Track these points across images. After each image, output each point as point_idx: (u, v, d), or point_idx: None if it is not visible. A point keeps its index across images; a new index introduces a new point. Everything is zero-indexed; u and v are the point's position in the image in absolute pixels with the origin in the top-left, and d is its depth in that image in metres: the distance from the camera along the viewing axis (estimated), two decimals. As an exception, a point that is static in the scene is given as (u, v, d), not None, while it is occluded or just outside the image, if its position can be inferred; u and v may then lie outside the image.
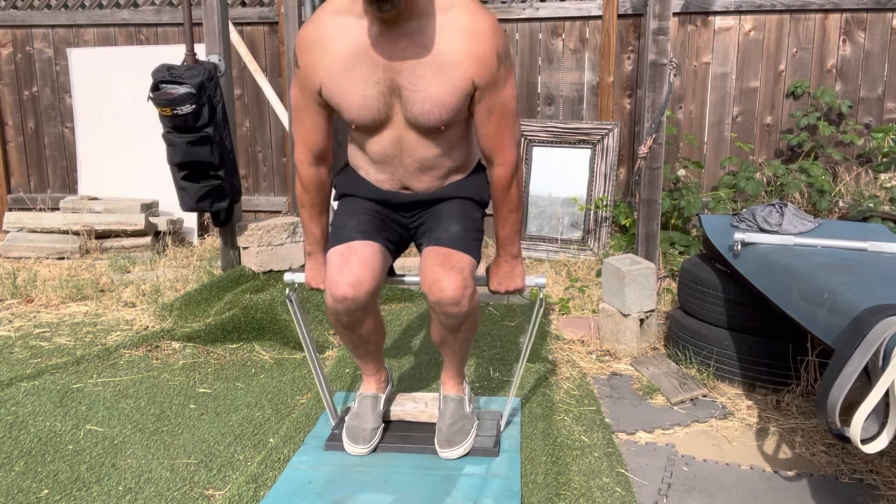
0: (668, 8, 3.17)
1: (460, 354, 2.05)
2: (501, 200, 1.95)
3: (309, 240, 2.08)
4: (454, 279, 1.81)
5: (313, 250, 2.09)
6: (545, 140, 4.40)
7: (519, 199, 1.96)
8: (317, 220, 2.06)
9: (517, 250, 2.02)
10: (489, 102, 1.82)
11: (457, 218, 1.97)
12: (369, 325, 1.97)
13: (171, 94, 3.17)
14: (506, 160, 1.90)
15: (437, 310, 1.85)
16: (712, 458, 2.13)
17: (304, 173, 1.98)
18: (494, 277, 2.06)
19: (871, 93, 4.31)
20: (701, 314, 2.66)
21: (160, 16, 4.86)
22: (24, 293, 3.62)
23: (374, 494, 1.82)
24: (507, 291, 2.06)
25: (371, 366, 2.13)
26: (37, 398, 2.44)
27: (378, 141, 1.89)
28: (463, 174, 2.04)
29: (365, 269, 1.86)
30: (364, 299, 1.86)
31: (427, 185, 1.98)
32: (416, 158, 1.90)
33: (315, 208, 2.04)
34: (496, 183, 1.93)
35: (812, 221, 2.66)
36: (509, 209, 1.96)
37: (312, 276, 2.12)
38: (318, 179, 2.00)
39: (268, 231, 3.53)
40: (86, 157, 4.93)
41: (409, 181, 1.96)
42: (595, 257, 4.19)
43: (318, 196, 2.02)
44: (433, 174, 1.95)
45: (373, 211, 2.01)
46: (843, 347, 1.70)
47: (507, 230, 1.99)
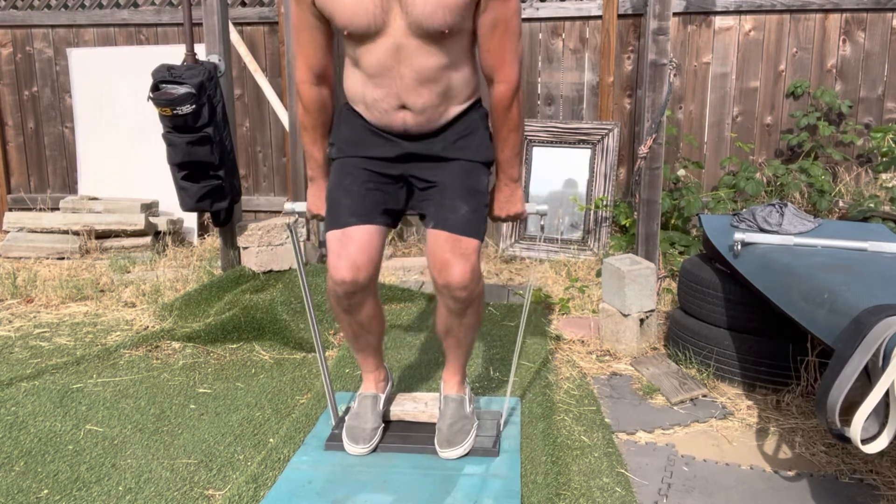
0: (668, 8, 3.17)
1: (464, 345, 2.05)
2: (502, 120, 1.91)
3: (311, 164, 2.05)
4: (463, 265, 1.83)
5: (315, 175, 2.07)
6: (545, 140, 4.40)
7: (520, 119, 1.92)
8: (319, 144, 2.02)
9: (518, 173, 1.98)
10: (493, 14, 1.78)
11: (464, 196, 1.92)
12: (369, 309, 1.98)
13: (171, 94, 3.17)
14: (507, 77, 1.85)
15: (445, 293, 1.87)
16: (712, 458, 2.13)
17: (306, 93, 1.95)
18: (496, 203, 2.02)
19: (871, 93, 4.31)
20: (701, 314, 2.66)
21: (160, 16, 4.86)
22: (24, 293, 3.62)
23: (374, 494, 1.82)
24: (507, 216, 2.03)
25: (371, 361, 2.13)
26: (37, 398, 2.44)
27: (374, 50, 1.80)
28: (462, 102, 1.93)
29: (362, 254, 1.88)
30: (363, 281, 1.89)
31: (426, 102, 1.85)
32: (415, 68, 1.80)
33: (317, 130, 2.00)
34: (497, 102, 1.89)
35: (812, 221, 2.66)
36: (510, 129, 1.92)
37: (314, 202, 2.09)
38: (320, 100, 1.96)
39: (268, 231, 3.53)
40: (86, 157, 4.93)
41: (406, 97, 1.84)
42: (595, 257, 4.19)
43: (319, 118, 1.99)
44: (432, 89, 1.84)
45: (367, 183, 1.95)
46: (843, 347, 1.70)
47: (508, 152, 1.95)
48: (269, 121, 4.91)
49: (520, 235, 4.41)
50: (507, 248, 4.40)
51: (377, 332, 2.08)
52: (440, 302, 1.93)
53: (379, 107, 1.88)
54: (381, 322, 2.07)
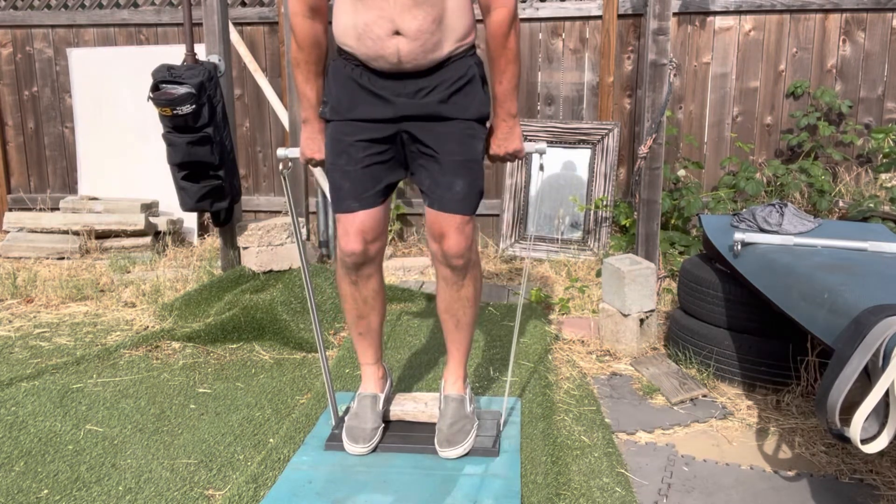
0: (668, 8, 3.17)
1: (464, 328, 2.08)
2: (499, 51, 1.87)
3: (304, 104, 2.01)
4: (459, 236, 1.94)
5: (308, 116, 2.02)
6: (545, 140, 4.40)
7: (517, 49, 1.89)
8: (312, 82, 1.99)
9: (515, 108, 1.96)
10: None
11: (459, 170, 1.91)
12: (374, 283, 2.07)
13: (171, 94, 3.17)
14: (505, 1, 1.83)
15: (443, 262, 1.98)
16: (712, 458, 2.13)
17: (299, 26, 1.91)
18: (494, 140, 2.00)
19: (871, 93, 4.31)
20: (701, 314, 2.66)
21: (160, 16, 4.86)
22: (24, 293, 3.62)
23: (374, 494, 1.83)
24: (506, 154, 2.00)
25: (371, 351, 2.14)
26: (37, 398, 2.44)
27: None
28: (457, 38, 1.87)
29: (369, 231, 1.98)
30: (372, 253, 2.01)
31: (419, 25, 1.79)
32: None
33: (311, 66, 1.97)
34: (494, 29, 1.86)
35: (812, 221, 2.66)
36: (507, 60, 1.89)
37: (307, 144, 2.05)
38: (314, 34, 1.93)
39: (268, 231, 3.53)
40: (86, 157, 4.93)
41: (400, 19, 1.79)
42: (595, 257, 4.19)
43: (313, 53, 1.95)
44: (427, 11, 1.79)
45: (364, 162, 1.93)
46: (843, 347, 1.70)
47: (506, 84, 1.92)
48: (269, 121, 4.91)
49: (520, 235, 4.42)
50: (507, 248, 4.40)
51: (379, 313, 2.13)
52: (439, 275, 2.03)
53: (371, 32, 1.82)
54: (384, 303, 2.14)
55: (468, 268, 2.00)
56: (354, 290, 2.06)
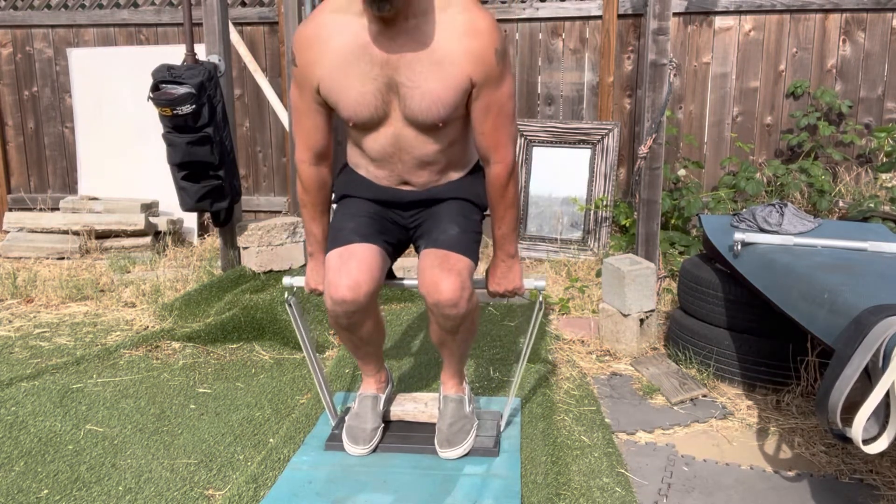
0: (668, 8, 3.17)
1: (458, 355, 2.05)
2: (498, 199, 1.95)
3: (310, 240, 2.08)
4: (452, 281, 1.82)
5: (314, 251, 2.09)
6: (545, 140, 4.40)
7: (515, 197, 1.96)
8: (318, 220, 2.05)
9: (514, 249, 2.02)
10: (486, 100, 1.82)
11: (455, 220, 1.97)
12: (369, 326, 1.97)
13: (171, 94, 3.17)
14: (502, 158, 1.89)
15: (436, 311, 1.86)
16: (712, 458, 2.13)
17: (305, 173, 1.98)
18: (492, 278, 2.06)
19: (871, 93, 4.31)
20: (701, 314, 2.66)
21: (160, 16, 4.86)
22: (24, 293, 3.62)
23: (374, 494, 1.82)
24: (505, 291, 2.05)
25: (371, 366, 2.13)
26: (37, 398, 2.44)
27: (376, 138, 1.89)
28: (462, 171, 2.04)
29: (363, 272, 1.86)
30: (363, 301, 1.86)
31: (426, 180, 1.98)
32: (415, 155, 1.91)
33: (316, 208, 2.04)
34: (493, 181, 1.92)
35: (812, 221, 2.66)
36: (505, 207, 1.96)
37: (313, 276, 2.11)
38: (319, 179, 2.00)
39: (268, 231, 3.53)
40: (86, 157, 4.93)
41: (408, 176, 1.97)
42: (595, 257, 4.19)
43: (319, 196, 2.02)
44: (432, 169, 1.96)
45: (371, 213, 2.01)
46: (844, 348, 1.70)
47: (504, 229, 1.99)
48: (269, 121, 4.91)
49: (520, 235, 4.41)
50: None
51: (378, 343, 2.09)
52: (432, 319, 1.93)
53: (381, 181, 2.00)
54: (382, 334, 2.08)
55: (464, 318, 1.88)
56: (349, 334, 1.97)
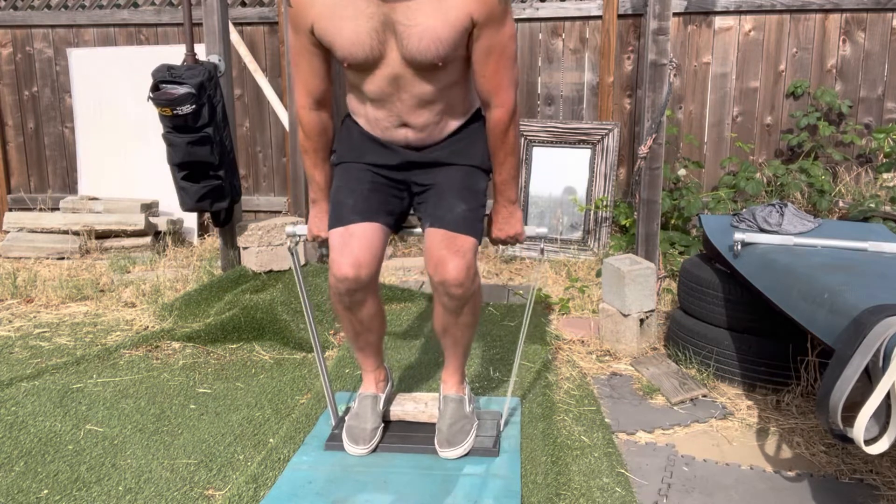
0: (668, 8, 3.17)
1: (462, 344, 2.05)
2: (499, 144, 1.92)
3: (313, 187, 2.06)
4: (459, 262, 1.85)
5: (317, 197, 2.07)
6: (545, 140, 4.40)
7: (516, 142, 1.93)
8: (320, 167, 2.03)
9: (515, 195, 2.01)
10: (488, 41, 1.79)
11: (461, 195, 1.94)
12: (370, 307, 1.99)
13: (172, 94, 3.17)
14: (503, 102, 1.86)
15: (441, 290, 1.89)
16: (712, 458, 2.13)
17: (306, 118, 1.96)
18: (494, 225, 2.05)
19: (871, 93, 4.31)
20: (701, 314, 2.66)
21: (160, 16, 4.86)
22: (24, 293, 3.62)
23: (374, 494, 1.82)
24: (507, 238, 2.04)
25: (371, 360, 2.13)
26: (37, 398, 2.44)
27: (373, 80, 1.85)
28: (462, 118, 1.98)
29: (364, 251, 1.89)
30: (365, 279, 1.90)
31: (426, 121, 1.91)
32: (414, 94, 1.85)
33: (318, 154, 2.02)
34: (493, 126, 1.90)
35: (812, 221, 2.66)
36: (506, 153, 1.93)
37: (315, 223, 2.09)
38: (320, 124, 1.98)
39: (268, 231, 3.53)
40: (86, 157, 4.93)
41: (407, 117, 1.90)
42: (595, 257, 4.19)
43: (320, 141, 2.00)
44: (432, 109, 1.90)
45: (371, 184, 1.98)
46: (844, 348, 1.70)
47: (505, 174, 1.97)
48: (269, 121, 4.91)
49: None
50: (507, 248, 4.40)
51: (378, 331, 2.08)
52: (436, 300, 1.95)
53: (381, 125, 1.95)
54: (382, 321, 2.09)
55: (468, 298, 1.91)
56: (350, 314, 2.00)
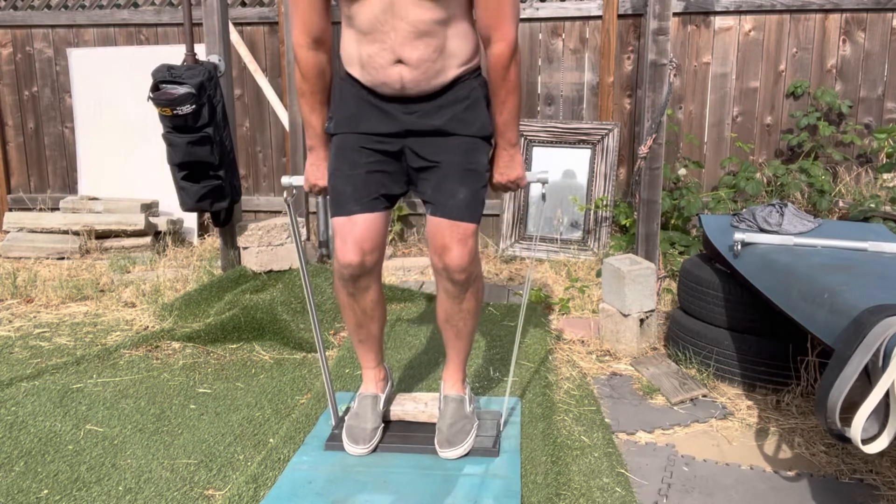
0: (668, 8, 3.17)
1: (464, 336, 2.06)
2: (500, 82, 1.88)
3: (309, 133, 2.03)
4: (461, 249, 1.88)
5: (314, 144, 2.04)
6: (545, 140, 4.40)
7: (518, 80, 1.89)
8: (317, 111, 2.00)
9: (515, 137, 1.97)
10: None
11: (462, 178, 1.91)
12: (373, 294, 2.01)
13: (172, 94, 3.17)
14: (505, 35, 1.83)
15: (444, 275, 1.91)
16: (712, 458, 2.13)
17: (303, 58, 1.92)
18: (495, 169, 2.01)
19: (871, 93, 4.31)
20: (701, 314, 2.66)
21: (160, 16, 4.86)
22: (24, 293, 3.62)
23: (374, 494, 1.82)
24: (508, 182, 2.01)
25: (371, 356, 2.14)
26: (37, 398, 2.44)
27: (368, 5, 1.79)
28: (460, 64, 1.89)
29: (368, 239, 1.93)
30: (369, 265, 1.94)
31: (421, 55, 1.82)
32: (409, 21, 1.78)
33: (315, 97, 1.98)
34: (494, 62, 1.86)
35: (812, 221, 2.66)
36: (507, 91, 1.89)
37: (312, 171, 2.06)
38: (318, 65, 1.94)
39: (268, 231, 3.53)
40: (86, 157, 4.93)
41: (401, 49, 1.81)
42: (595, 257, 4.19)
43: (318, 83, 1.97)
44: (427, 42, 1.82)
45: (367, 167, 1.94)
46: (843, 347, 1.70)
47: (506, 115, 1.93)
48: (269, 121, 4.91)
49: (520, 235, 4.41)
50: (507, 248, 4.40)
51: (379, 321, 2.10)
52: (439, 286, 1.97)
53: (374, 63, 1.85)
54: (383, 311, 2.11)
55: (470, 282, 1.94)
56: (352, 301, 2.02)
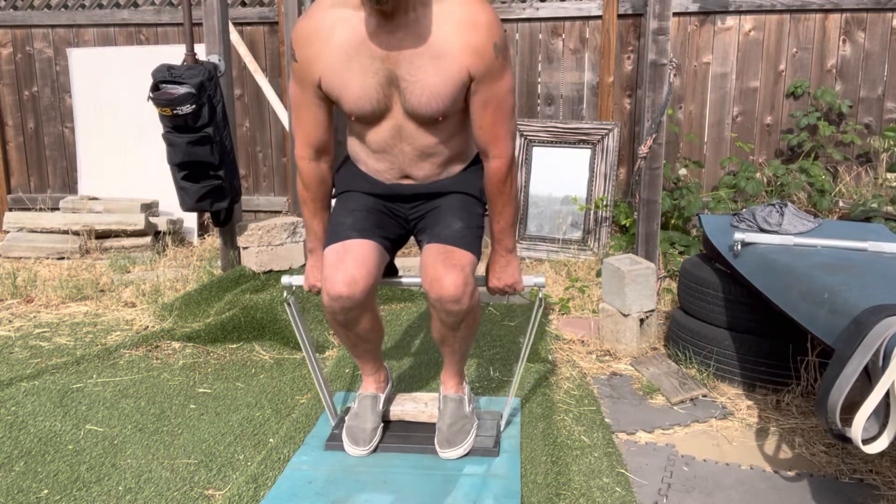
0: (668, 8, 3.17)
1: (460, 353, 2.05)
2: (496, 194, 1.94)
3: (310, 237, 2.07)
4: (455, 277, 1.82)
5: (315, 247, 2.08)
6: (545, 140, 4.40)
7: (514, 192, 1.95)
8: (318, 217, 2.04)
9: (512, 244, 2.02)
10: (485, 95, 1.81)
11: (458, 214, 1.96)
12: (366, 323, 1.97)
13: (172, 94, 3.17)
14: (501, 153, 1.88)
15: (438, 307, 1.86)
16: (712, 458, 2.13)
17: (305, 169, 1.97)
18: (492, 273, 2.05)
19: (871, 93, 4.31)
20: (701, 314, 2.66)
21: (160, 16, 4.86)
22: (24, 293, 3.62)
23: (374, 494, 1.82)
24: (505, 287, 2.05)
25: (370, 365, 2.13)
26: (37, 398, 2.44)
27: (377, 131, 1.88)
28: (463, 164, 2.03)
29: (360, 268, 1.86)
30: (360, 297, 1.86)
31: (427, 173, 1.97)
32: (416, 147, 1.90)
33: (317, 204, 2.03)
34: (491, 176, 1.92)
35: (812, 221, 2.66)
36: (504, 203, 1.95)
37: (312, 273, 2.10)
38: (320, 175, 1.99)
39: (268, 231, 3.53)
40: (86, 157, 4.93)
41: (409, 169, 1.95)
42: (595, 257, 4.19)
43: (319, 192, 2.01)
44: (433, 161, 1.95)
45: (370, 207, 2.00)
46: (844, 347, 1.70)
47: (503, 224, 1.98)
48: (269, 121, 4.91)
49: (519, 235, 4.41)
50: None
51: (375, 341, 2.08)
52: (434, 315, 1.92)
53: (382, 175, 1.99)
54: (380, 332, 2.07)
55: (466, 314, 1.87)
56: (345, 330, 1.97)
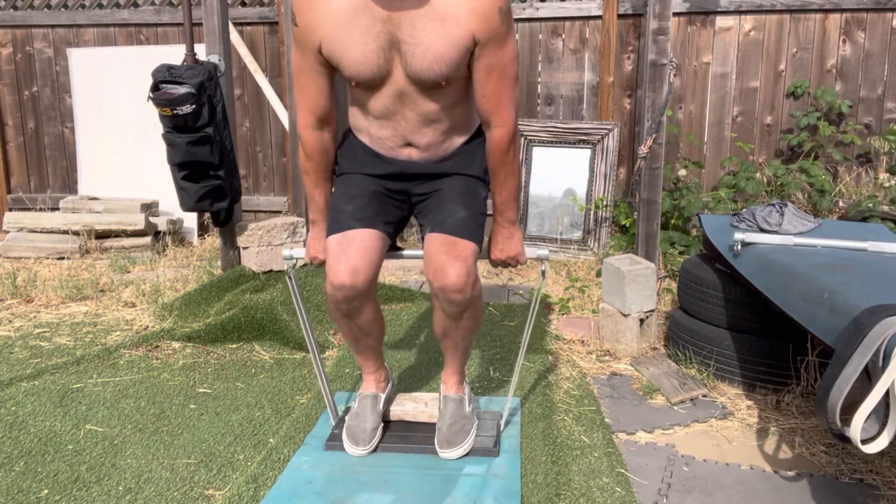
0: (668, 8, 3.17)
1: (462, 348, 2.04)
2: (499, 165, 1.92)
3: (312, 207, 2.05)
4: (459, 267, 1.83)
5: (316, 218, 2.06)
6: (545, 140, 4.40)
7: (516, 163, 1.93)
8: (321, 187, 2.02)
9: (515, 216, 2.02)
10: (489, 60, 1.79)
11: (462, 201, 1.95)
12: (368, 314, 1.97)
13: (171, 94, 3.17)
14: (504, 121, 1.86)
15: (441, 297, 1.86)
16: (712, 458, 2.13)
17: (308, 138, 1.95)
18: (494, 245, 2.04)
19: (871, 93, 4.31)
20: (701, 314, 2.66)
21: (160, 16, 4.86)
22: (24, 293, 3.62)
23: (374, 494, 1.83)
24: (507, 258, 2.04)
25: (371, 363, 2.13)
26: (37, 398, 2.44)
27: (379, 97, 1.85)
28: (466, 134, 1.99)
29: (362, 258, 1.87)
30: (362, 287, 1.87)
31: (430, 140, 1.92)
32: (418, 112, 1.86)
33: (319, 174, 2.00)
34: (493, 146, 1.90)
35: (812, 221, 2.66)
36: (506, 173, 1.93)
37: (314, 245, 2.08)
38: (322, 144, 1.97)
39: (268, 231, 3.53)
40: (86, 157, 4.93)
41: (411, 136, 1.91)
42: (595, 257, 4.19)
43: (321, 162, 1.99)
44: (436, 127, 1.91)
45: (372, 192, 1.98)
46: (844, 347, 1.70)
47: (505, 195, 1.97)
48: (269, 121, 4.91)
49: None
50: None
51: (377, 335, 2.08)
52: (436, 305, 1.93)
53: (384, 144, 1.95)
54: (381, 325, 2.07)
55: (468, 304, 1.88)
56: (348, 321, 1.97)
